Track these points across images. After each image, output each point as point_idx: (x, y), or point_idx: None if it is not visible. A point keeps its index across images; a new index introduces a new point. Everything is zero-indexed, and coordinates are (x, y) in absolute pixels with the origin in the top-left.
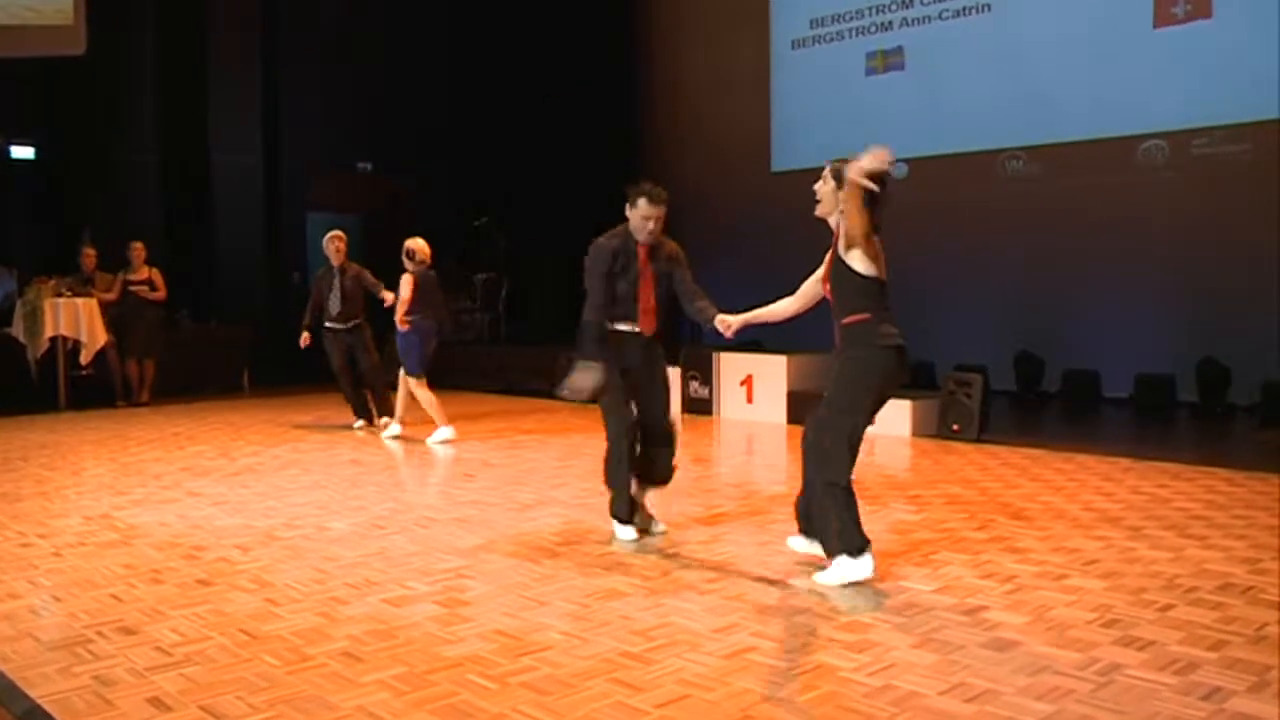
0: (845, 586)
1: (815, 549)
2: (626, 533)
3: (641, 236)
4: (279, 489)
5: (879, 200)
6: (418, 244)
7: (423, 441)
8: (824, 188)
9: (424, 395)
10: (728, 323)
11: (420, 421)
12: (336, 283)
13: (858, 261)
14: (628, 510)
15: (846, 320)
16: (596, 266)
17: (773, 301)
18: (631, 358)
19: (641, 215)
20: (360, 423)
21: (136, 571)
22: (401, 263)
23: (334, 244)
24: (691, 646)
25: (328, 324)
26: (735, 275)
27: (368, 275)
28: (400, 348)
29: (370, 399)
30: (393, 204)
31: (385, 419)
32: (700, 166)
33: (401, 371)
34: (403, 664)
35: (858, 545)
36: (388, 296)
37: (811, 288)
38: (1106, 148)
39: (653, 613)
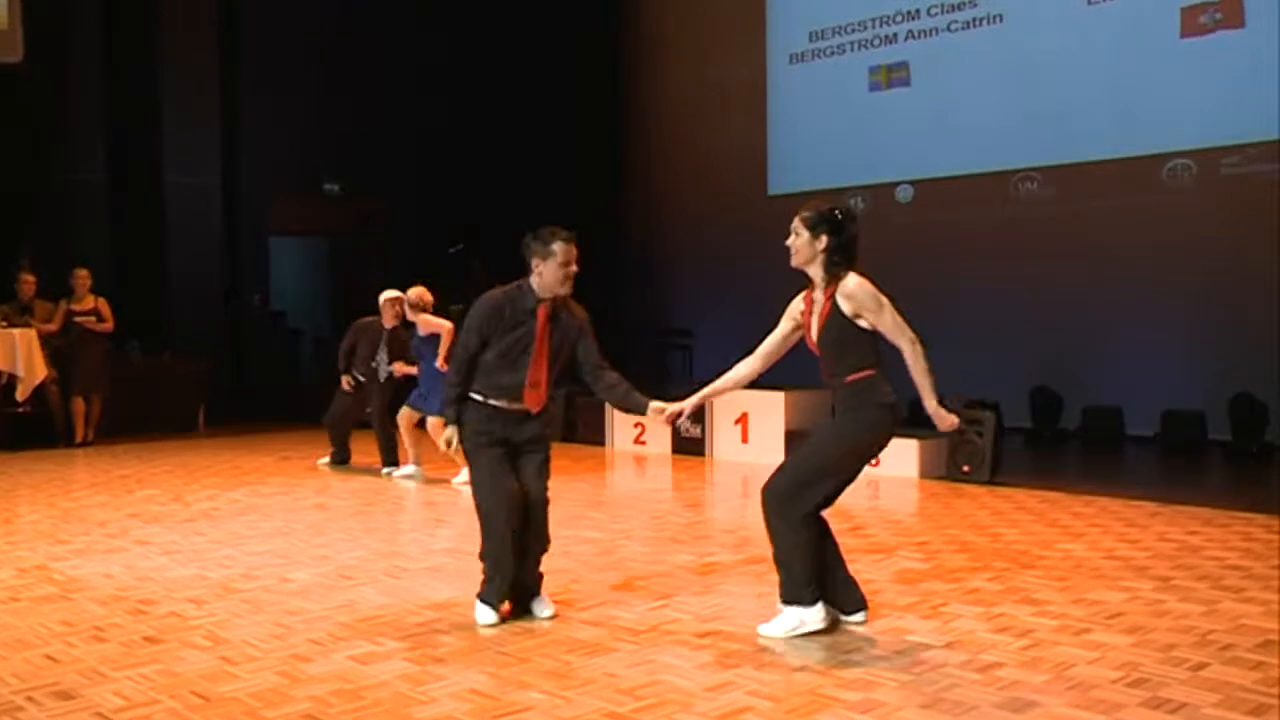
0: (799, 637)
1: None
2: (485, 615)
3: (563, 288)
4: (237, 536)
5: (848, 244)
6: (419, 292)
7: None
8: (796, 240)
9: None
10: (670, 412)
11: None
12: (385, 345)
13: (864, 320)
14: (495, 593)
15: (851, 379)
16: (473, 321)
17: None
18: (513, 431)
19: (560, 262)
20: (389, 470)
21: (76, 629)
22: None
23: (394, 308)
24: (683, 707)
25: (361, 377)
26: (729, 307)
27: (409, 351)
28: (430, 388)
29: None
30: (362, 228)
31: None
32: (692, 190)
33: (402, 412)
34: None
35: (812, 595)
36: (399, 368)
37: (778, 348)
38: (1128, 167)
39: (641, 670)
